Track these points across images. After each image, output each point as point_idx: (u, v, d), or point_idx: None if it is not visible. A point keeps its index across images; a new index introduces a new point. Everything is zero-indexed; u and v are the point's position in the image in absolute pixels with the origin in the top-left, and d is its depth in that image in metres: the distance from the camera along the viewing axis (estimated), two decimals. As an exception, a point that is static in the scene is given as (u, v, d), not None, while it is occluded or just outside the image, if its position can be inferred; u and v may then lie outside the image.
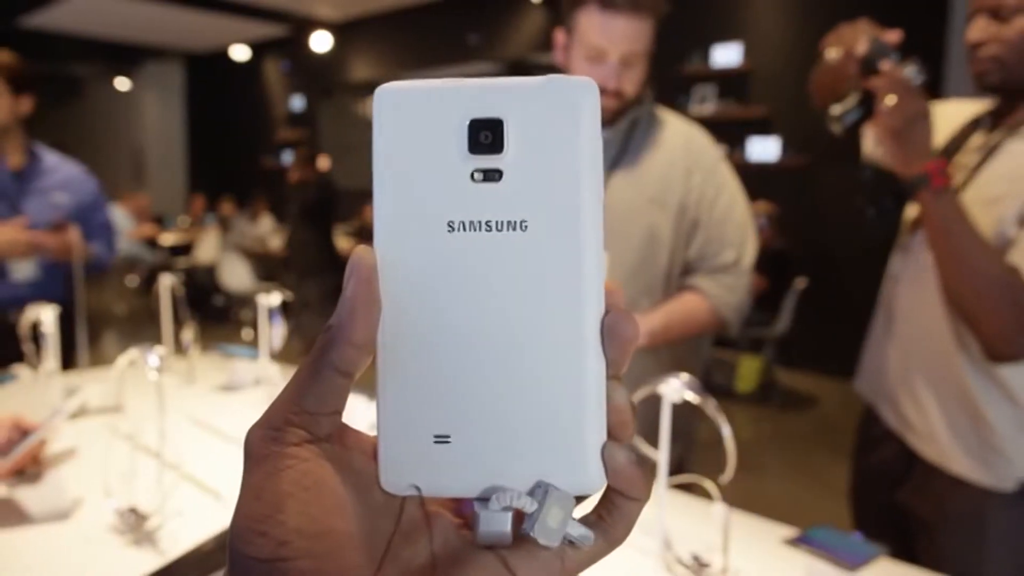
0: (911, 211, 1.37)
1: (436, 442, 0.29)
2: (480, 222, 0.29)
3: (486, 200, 0.29)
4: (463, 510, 0.32)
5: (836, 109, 1.23)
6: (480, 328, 0.29)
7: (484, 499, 0.29)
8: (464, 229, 0.29)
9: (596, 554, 0.30)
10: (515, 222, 0.29)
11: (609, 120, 1.48)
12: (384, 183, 0.29)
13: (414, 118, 0.29)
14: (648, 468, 1.09)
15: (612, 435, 0.29)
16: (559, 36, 1.49)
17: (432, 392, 0.29)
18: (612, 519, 0.30)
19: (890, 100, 1.14)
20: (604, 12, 1.36)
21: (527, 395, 0.29)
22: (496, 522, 0.29)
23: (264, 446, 0.28)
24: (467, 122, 0.29)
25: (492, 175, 0.29)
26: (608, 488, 0.30)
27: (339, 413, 0.29)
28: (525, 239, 0.29)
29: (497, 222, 0.29)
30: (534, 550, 0.29)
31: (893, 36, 1.19)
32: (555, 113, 0.29)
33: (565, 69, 1.49)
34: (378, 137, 0.29)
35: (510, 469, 0.29)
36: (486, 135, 0.29)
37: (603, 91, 1.42)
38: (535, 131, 0.29)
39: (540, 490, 0.29)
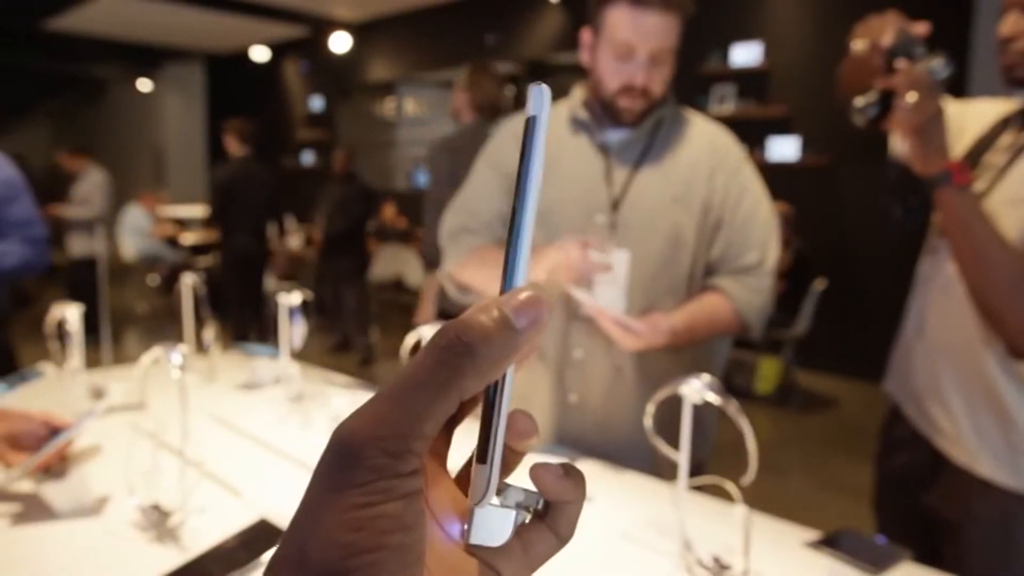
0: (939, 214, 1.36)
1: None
2: None
3: None
4: (446, 527, 0.32)
5: (860, 101, 1.21)
6: None
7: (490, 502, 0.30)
8: None
9: (550, 550, 0.31)
10: None
11: (635, 120, 1.47)
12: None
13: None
14: (672, 468, 1.08)
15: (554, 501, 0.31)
16: (585, 35, 1.48)
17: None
18: (556, 517, 0.31)
19: (911, 97, 1.13)
20: (635, 8, 1.35)
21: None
22: (520, 518, 0.30)
23: (373, 471, 0.25)
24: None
25: None
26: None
27: None
28: None
29: None
30: (510, 549, 0.30)
31: (921, 28, 1.17)
32: None
33: (591, 68, 1.48)
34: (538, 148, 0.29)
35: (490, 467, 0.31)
36: None
37: (630, 88, 1.42)
38: None
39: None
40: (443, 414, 0.27)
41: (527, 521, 0.30)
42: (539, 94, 0.29)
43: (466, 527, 0.29)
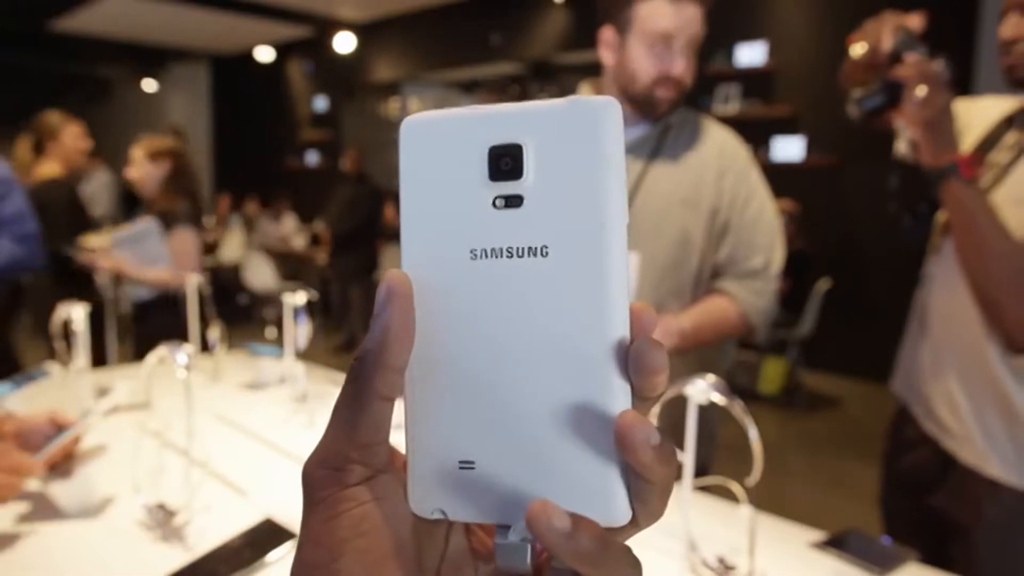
0: (944, 214, 1.35)
1: (461, 468, 0.29)
2: (501, 249, 0.29)
3: (507, 227, 0.29)
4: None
5: (857, 92, 1.20)
6: (503, 355, 0.29)
7: (506, 526, 0.29)
8: (486, 257, 0.29)
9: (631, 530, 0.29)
10: (536, 248, 0.28)
11: (668, 110, 1.47)
12: (410, 213, 0.30)
13: (438, 149, 0.30)
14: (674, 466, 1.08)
15: (633, 472, 0.27)
16: (606, 34, 1.47)
17: (457, 418, 0.29)
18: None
19: (921, 91, 1.12)
20: None
21: (551, 423, 0.28)
22: (515, 554, 0.28)
23: (324, 488, 0.29)
24: (487, 149, 0.29)
25: (513, 201, 0.29)
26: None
27: (389, 438, 0.30)
28: (547, 264, 0.28)
29: (518, 248, 0.29)
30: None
31: (916, 20, 1.17)
32: (576, 135, 0.28)
33: (618, 66, 1.47)
34: (404, 169, 0.30)
35: (534, 498, 0.28)
36: (506, 161, 0.29)
37: (667, 78, 1.42)
38: (555, 155, 0.28)
39: None
40: (372, 420, 0.28)
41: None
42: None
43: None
